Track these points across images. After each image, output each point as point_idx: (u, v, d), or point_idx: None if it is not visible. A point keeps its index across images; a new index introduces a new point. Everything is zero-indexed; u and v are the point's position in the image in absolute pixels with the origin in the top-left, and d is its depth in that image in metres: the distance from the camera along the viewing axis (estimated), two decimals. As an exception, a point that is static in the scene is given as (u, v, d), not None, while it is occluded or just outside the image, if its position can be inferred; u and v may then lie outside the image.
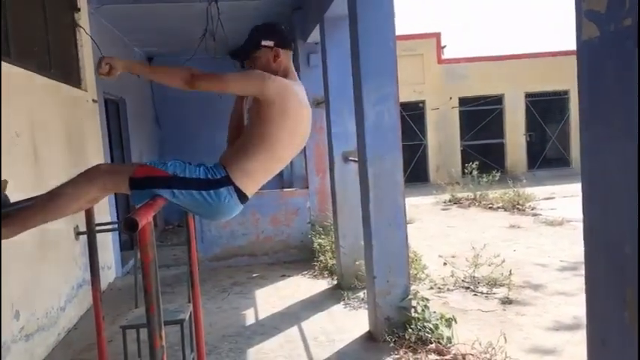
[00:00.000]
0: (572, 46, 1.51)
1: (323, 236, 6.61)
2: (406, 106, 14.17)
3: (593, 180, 1.38)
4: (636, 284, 1.25)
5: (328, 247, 6.35)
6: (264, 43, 2.27)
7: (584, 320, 1.49)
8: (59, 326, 4.54)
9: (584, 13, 1.46)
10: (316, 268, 6.22)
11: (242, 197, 2.09)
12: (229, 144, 2.34)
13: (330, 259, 6.12)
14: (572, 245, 6.71)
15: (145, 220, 1.57)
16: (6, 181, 2.07)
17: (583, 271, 1.48)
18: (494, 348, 3.57)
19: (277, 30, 2.34)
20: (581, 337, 3.85)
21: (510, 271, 5.22)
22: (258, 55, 2.29)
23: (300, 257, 6.79)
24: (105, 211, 6.10)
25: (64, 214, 2.04)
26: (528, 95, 15.52)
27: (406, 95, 13.66)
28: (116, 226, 5.19)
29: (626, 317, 1.30)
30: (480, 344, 3.62)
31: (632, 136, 1.23)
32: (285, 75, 2.29)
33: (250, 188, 2.12)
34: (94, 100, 6.17)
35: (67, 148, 5.10)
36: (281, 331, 4.47)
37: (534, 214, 9.22)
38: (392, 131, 4.09)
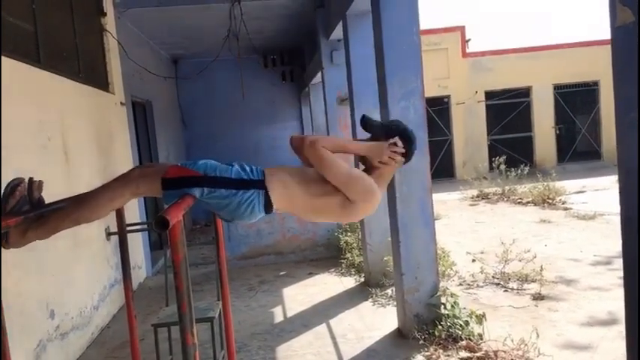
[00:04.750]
0: (602, 35, 1.47)
1: (349, 234, 6.60)
2: (431, 102, 14.02)
3: (630, 168, 1.34)
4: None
5: (355, 245, 6.33)
6: (399, 142, 2.14)
7: (619, 316, 1.45)
8: (93, 325, 4.64)
9: (617, -1, 1.41)
10: (343, 265, 6.21)
11: (268, 206, 2.05)
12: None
13: (357, 256, 6.10)
14: (605, 239, 6.55)
15: (176, 218, 1.58)
16: (42, 182, 2.12)
17: (617, 266, 1.44)
18: (526, 344, 3.50)
19: (414, 144, 2.21)
20: (616, 332, 3.76)
21: (542, 266, 5.12)
22: (381, 141, 2.15)
23: (326, 255, 6.79)
24: (134, 211, 6.20)
25: (98, 217, 2.08)
26: (557, 87, 15.19)
27: (431, 90, 13.52)
28: (146, 226, 5.27)
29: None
30: (512, 341, 3.55)
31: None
32: (379, 178, 2.16)
33: (280, 204, 2.08)
34: (121, 103, 6.28)
35: (96, 149, 5.20)
36: (309, 328, 4.48)
37: (565, 208, 9.02)
38: (418, 127, 4.03)
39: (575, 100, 15.44)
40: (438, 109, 14.94)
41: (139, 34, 7.89)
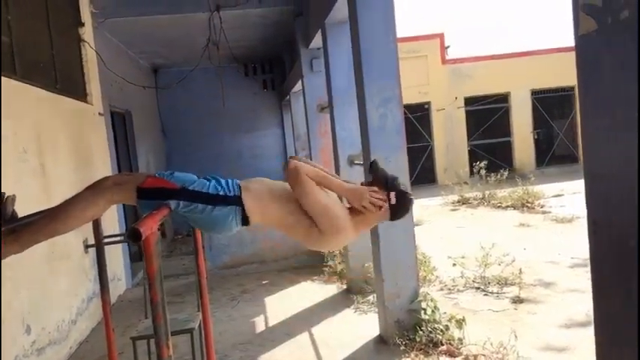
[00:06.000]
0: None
1: (331, 241, 6.59)
2: (411, 108, 14.15)
3: (596, 172, 1.37)
4: (643, 278, 1.23)
5: (337, 252, 6.33)
6: (393, 198, 2.07)
7: (595, 317, 1.47)
8: (71, 340, 4.56)
9: (581, 7, 1.45)
10: (326, 273, 6.21)
11: (244, 220, 2.06)
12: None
13: (340, 263, 6.10)
14: (582, 242, 6.63)
15: (149, 230, 1.57)
16: (14, 196, 2.09)
17: (593, 268, 1.46)
18: (505, 347, 3.54)
19: (405, 207, 2.13)
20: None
21: (521, 269, 5.18)
22: (364, 187, 2.11)
23: (309, 263, 6.78)
24: (114, 222, 6.13)
25: (74, 227, 2.06)
26: (534, 92, 15.44)
27: (411, 97, 13.64)
28: (124, 237, 5.21)
29: (636, 313, 1.28)
30: (492, 344, 3.59)
31: (634, 127, 1.22)
32: (359, 221, 2.12)
33: (255, 218, 2.08)
34: (100, 114, 6.21)
35: (74, 161, 5.14)
36: (292, 337, 4.46)
37: (544, 212, 9.15)
38: (396, 133, 4.08)
39: (552, 105, 15.71)
40: (419, 115, 15.07)
41: (118, 43, 7.83)
